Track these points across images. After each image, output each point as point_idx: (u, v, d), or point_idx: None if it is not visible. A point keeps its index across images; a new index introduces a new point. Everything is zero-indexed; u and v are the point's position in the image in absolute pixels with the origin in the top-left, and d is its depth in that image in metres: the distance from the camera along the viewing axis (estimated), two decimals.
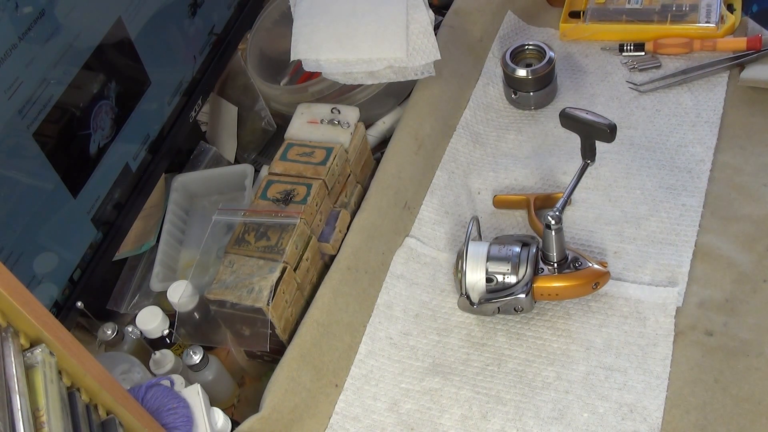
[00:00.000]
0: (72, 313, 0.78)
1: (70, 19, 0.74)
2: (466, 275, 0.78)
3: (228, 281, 0.76)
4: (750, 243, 0.80)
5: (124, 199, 0.85)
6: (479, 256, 0.78)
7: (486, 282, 0.78)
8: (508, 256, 0.78)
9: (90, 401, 0.54)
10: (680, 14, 1.01)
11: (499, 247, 0.79)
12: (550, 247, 0.76)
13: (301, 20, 0.96)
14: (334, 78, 0.94)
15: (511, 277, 0.78)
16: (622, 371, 0.73)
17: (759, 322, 0.74)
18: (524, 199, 0.88)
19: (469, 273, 0.78)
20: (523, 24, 1.10)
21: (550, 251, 0.77)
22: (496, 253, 0.78)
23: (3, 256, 0.69)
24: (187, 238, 0.95)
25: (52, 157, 0.73)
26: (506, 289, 0.78)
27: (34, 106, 0.70)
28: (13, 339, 0.48)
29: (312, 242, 0.81)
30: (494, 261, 0.78)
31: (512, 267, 0.78)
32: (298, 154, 0.86)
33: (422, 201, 0.91)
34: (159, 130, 0.90)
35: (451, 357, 0.78)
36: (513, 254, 0.78)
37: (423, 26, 0.93)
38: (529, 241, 0.80)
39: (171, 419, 0.63)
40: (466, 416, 0.74)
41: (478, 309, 0.78)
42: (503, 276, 0.78)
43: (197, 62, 0.97)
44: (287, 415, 0.73)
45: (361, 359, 0.80)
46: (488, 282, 0.78)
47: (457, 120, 0.99)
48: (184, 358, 0.75)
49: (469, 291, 0.78)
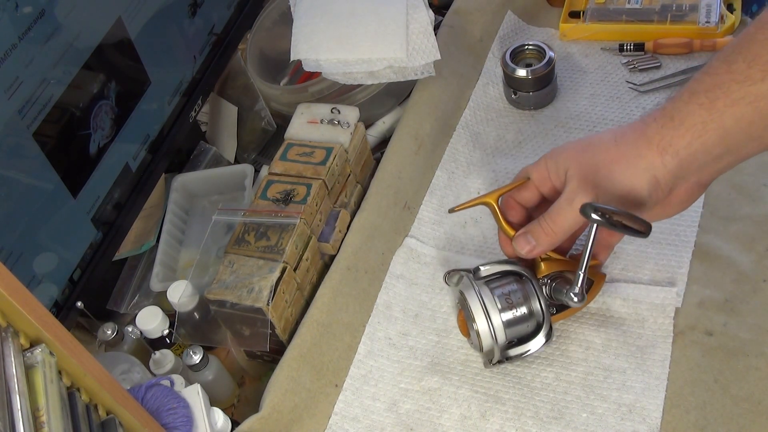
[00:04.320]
0: (72, 313, 0.78)
1: (70, 19, 0.74)
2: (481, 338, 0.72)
3: (228, 281, 0.76)
4: (750, 243, 0.80)
5: (124, 199, 0.85)
6: (492, 323, 0.71)
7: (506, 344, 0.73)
8: (522, 316, 0.72)
9: (90, 401, 0.54)
10: (680, 14, 1.01)
11: (502, 301, 0.72)
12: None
13: (301, 20, 0.96)
14: (334, 78, 0.94)
15: (529, 327, 0.73)
16: (621, 371, 0.73)
17: (759, 322, 0.74)
18: (485, 203, 0.75)
19: (484, 339, 0.72)
20: (523, 24, 1.10)
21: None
22: (509, 316, 0.72)
23: (3, 256, 0.69)
24: (187, 238, 0.95)
25: (52, 157, 0.73)
26: (525, 339, 0.73)
27: (34, 106, 0.70)
28: (13, 339, 0.48)
29: (312, 242, 0.81)
30: (510, 325, 0.72)
31: (529, 321, 0.73)
32: (298, 154, 0.86)
33: (422, 201, 0.91)
34: (159, 130, 0.90)
35: (450, 357, 0.78)
36: (522, 306, 0.72)
37: (423, 26, 0.93)
38: (518, 272, 0.74)
39: (171, 419, 0.63)
40: (465, 416, 0.74)
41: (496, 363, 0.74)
42: (523, 331, 0.73)
43: (197, 62, 0.97)
44: (287, 415, 0.73)
45: (360, 359, 0.80)
46: (508, 344, 0.73)
47: (457, 120, 0.99)
48: (184, 358, 0.75)
49: (485, 347, 0.73)
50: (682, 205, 0.68)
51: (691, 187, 0.66)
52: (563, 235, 0.69)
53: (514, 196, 0.74)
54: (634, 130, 0.66)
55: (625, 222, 0.63)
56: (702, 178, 0.66)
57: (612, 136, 0.67)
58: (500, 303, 0.71)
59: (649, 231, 0.64)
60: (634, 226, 0.64)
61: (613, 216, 0.63)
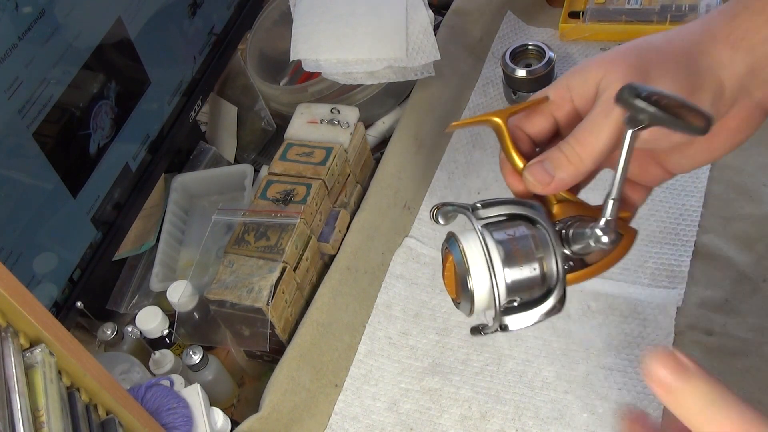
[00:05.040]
0: (72, 313, 0.78)
1: (70, 19, 0.74)
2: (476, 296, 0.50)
3: (227, 281, 0.76)
4: (750, 243, 0.80)
5: (123, 199, 0.85)
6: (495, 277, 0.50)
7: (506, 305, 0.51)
8: (532, 275, 0.50)
9: (90, 401, 0.54)
10: (679, 14, 1.01)
11: (509, 248, 0.50)
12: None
13: (300, 20, 0.96)
14: (333, 78, 0.94)
15: (538, 290, 0.51)
16: (621, 371, 0.73)
17: (759, 322, 0.74)
18: (491, 122, 0.55)
19: (479, 293, 0.50)
20: (522, 24, 1.10)
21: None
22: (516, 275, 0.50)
23: (3, 256, 0.69)
24: (186, 238, 0.95)
25: (51, 157, 0.73)
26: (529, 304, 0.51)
27: (34, 106, 0.70)
28: (13, 339, 0.48)
29: (312, 242, 0.81)
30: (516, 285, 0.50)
31: (539, 281, 0.51)
32: (297, 154, 0.86)
33: (422, 201, 0.91)
34: (159, 130, 0.90)
35: (450, 357, 0.78)
36: (533, 261, 0.51)
37: (423, 26, 0.93)
38: (528, 215, 0.53)
39: (171, 419, 0.63)
40: (465, 416, 0.74)
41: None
42: (528, 294, 0.51)
43: (197, 62, 0.97)
44: (287, 415, 0.73)
45: (360, 359, 0.80)
46: (509, 304, 0.51)
47: (456, 120, 0.99)
48: (184, 358, 0.75)
49: (480, 312, 0.52)
50: (738, 134, 0.53)
51: (752, 109, 0.52)
52: (593, 162, 0.51)
53: (523, 123, 0.56)
54: (691, 28, 0.52)
55: (679, 110, 0.45)
56: (766, 95, 0.51)
57: (662, 35, 0.52)
58: (504, 255, 0.51)
59: (709, 125, 0.45)
60: (689, 117, 0.45)
61: (662, 100, 0.44)
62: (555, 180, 0.52)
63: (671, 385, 0.38)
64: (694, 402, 0.38)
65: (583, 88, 0.52)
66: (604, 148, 0.50)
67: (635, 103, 0.44)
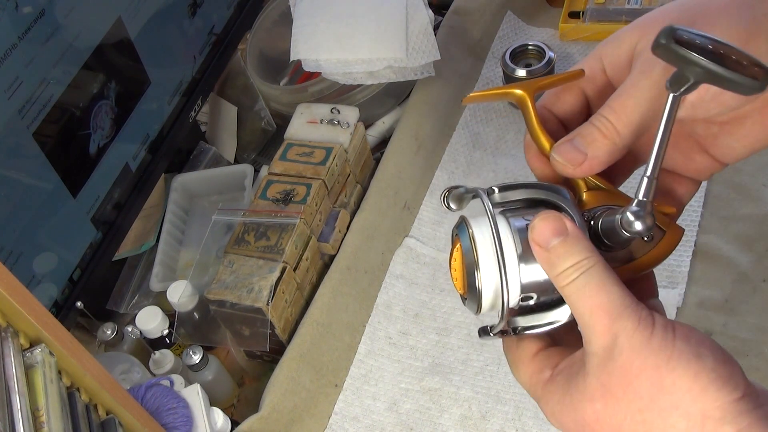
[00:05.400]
0: (72, 313, 0.78)
1: (70, 19, 0.74)
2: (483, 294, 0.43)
3: (227, 281, 0.76)
4: (750, 243, 0.80)
5: (123, 199, 0.85)
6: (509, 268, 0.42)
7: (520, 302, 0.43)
8: None
9: (90, 401, 0.54)
10: None
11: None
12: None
13: (300, 20, 0.96)
14: (333, 78, 0.94)
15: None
16: None
17: (759, 322, 0.74)
18: (513, 95, 0.47)
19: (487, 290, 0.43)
20: (522, 24, 1.10)
21: None
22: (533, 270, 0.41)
23: (3, 256, 0.69)
24: (186, 238, 0.95)
25: (51, 157, 0.73)
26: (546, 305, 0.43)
27: (34, 106, 0.70)
28: (13, 339, 0.48)
29: (312, 242, 0.81)
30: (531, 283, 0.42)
31: None
32: (297, 154, 0.86)
33: (422, 201, 0.91)
34: (159, 130, 0.90)
35: (450, 357, 0.78)
36: None
37: (423, 26, 0.93)
38: (553, 200, 0.44)
39: (171, 419, 0.63)
40: (465, 416, 0.74)
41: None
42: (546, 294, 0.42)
43: (197, 62, 0.97)
44: (287, 415, 0.73)
45: (360, 359, 0.80)
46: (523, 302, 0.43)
47: (457, 120, 0.99)
48: (184, 358, 0.75)
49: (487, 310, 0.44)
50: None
51: None
52: (631, 134, 0.43)
53: (550, 102, 0.48)
54: None
55: (732, 63, 0.35)
56: None
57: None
58: (522, 247, 0.42)
59: (766, 80, 0.35)
60: (745, 71, 0.35)
61: (714, 48, 0.35)
62: (588, 158, 0.44)
63: (547, 242, 0.39)
64: (562, 264, 0.39)
65: (616, 55, 0.45)
66: (644, 116, 0.42)
67: (678, 51, 0.34)
